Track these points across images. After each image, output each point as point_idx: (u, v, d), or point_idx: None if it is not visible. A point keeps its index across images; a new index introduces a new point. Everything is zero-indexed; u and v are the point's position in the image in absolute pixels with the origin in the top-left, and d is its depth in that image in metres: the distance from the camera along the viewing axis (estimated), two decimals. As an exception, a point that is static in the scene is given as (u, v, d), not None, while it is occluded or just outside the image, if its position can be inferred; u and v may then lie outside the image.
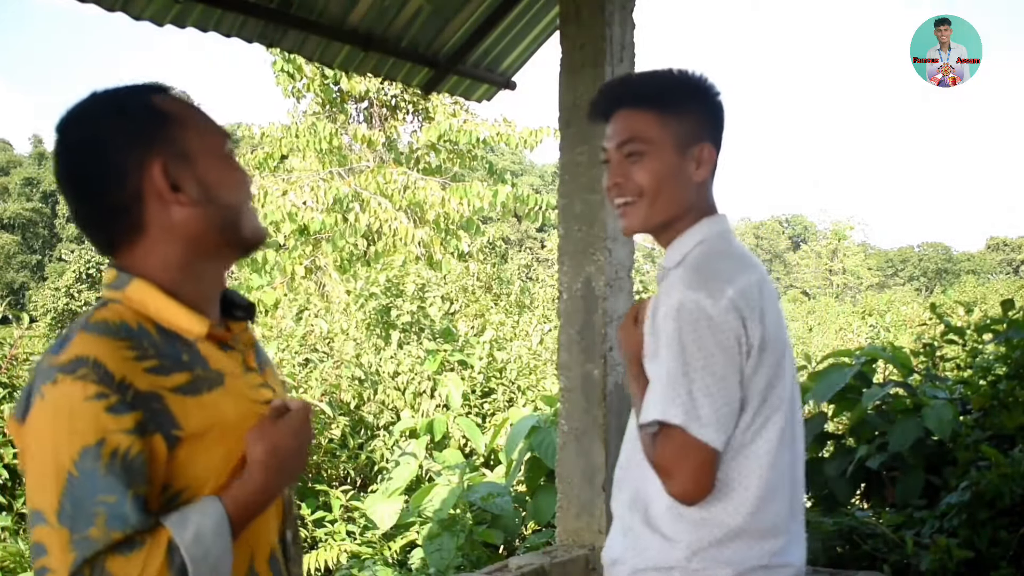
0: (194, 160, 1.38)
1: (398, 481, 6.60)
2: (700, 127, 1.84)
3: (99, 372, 1.23)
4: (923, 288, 48.52)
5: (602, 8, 3.60)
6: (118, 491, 1.21)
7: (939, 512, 3.85)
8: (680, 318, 1.67)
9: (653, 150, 1.81)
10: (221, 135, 1.45)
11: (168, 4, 3.88)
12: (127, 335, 1.30)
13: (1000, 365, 4.52)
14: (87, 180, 1.37)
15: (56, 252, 47.93)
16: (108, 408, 1.22)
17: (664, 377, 1.69)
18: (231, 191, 1.42)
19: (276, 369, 1.58)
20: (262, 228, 1.49)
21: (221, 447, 1.33)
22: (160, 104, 1.40)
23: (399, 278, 10.54)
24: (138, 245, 1.38)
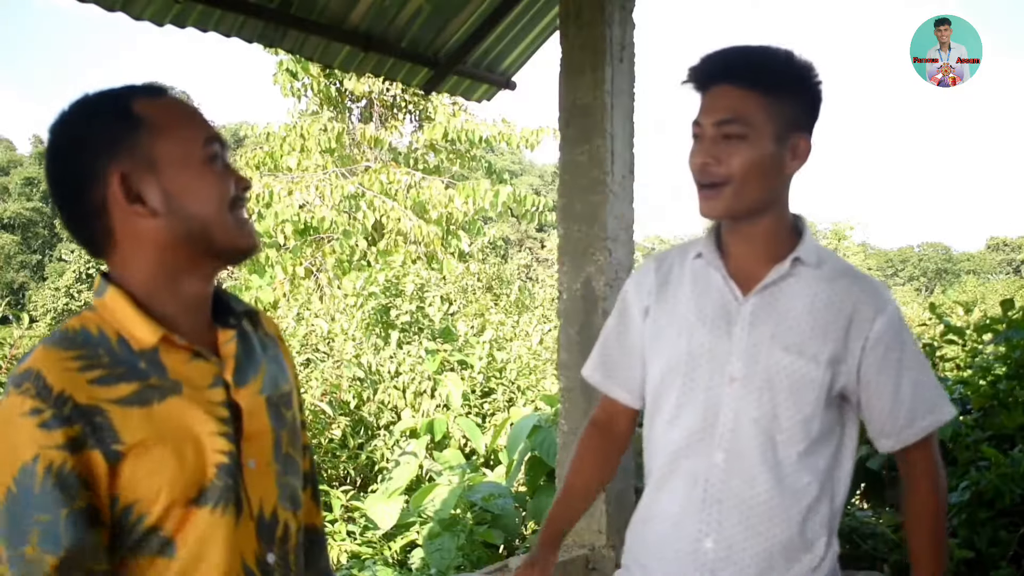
0: (161, 169, 1.34)
1: (398, 481, 6.60)
2: (801, 116, 1.76)
3: (39, 385, 1.22)
4: (923, 288, 48.53)
5: (602, 8, 3.60)
6: (51, 510, 1.21)
7: (939, 512, 3.85)
8: (908, 328, 1.79)
9: (753, 135, 1.71)
10: (201, 141, 1.38)
11: (168, 4, 3.88)
12: (82, 344, 1.29)
13: (1000, 365, 4.52)
14: (62, 184, 1.37)
15: (56, 252, 47.87)
16: (41, 424, 1.21)
17: (933, 381, 1.79)
18: (201, 201, 1.36)
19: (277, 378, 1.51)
20: (245, 238, 1.42)
21: (172, 458, 1.29)
22: (138, 108, 1.35)
23: (399, 278, 10.54)
24: (114, 252, 1.38)
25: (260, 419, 1.43)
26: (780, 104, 1.71)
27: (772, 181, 1.74)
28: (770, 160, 1.72)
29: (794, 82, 1.74)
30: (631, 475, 3.74)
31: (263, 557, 1.40)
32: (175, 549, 1.30)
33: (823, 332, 1.74)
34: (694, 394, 1.81)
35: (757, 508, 1.76)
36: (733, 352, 1.78)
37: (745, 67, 1.74)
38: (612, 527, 3.60)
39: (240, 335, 1.47)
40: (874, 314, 1.74)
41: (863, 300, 1.75)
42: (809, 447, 1.75)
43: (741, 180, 1.71)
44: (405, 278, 10.58)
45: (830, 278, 1.78)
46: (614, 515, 3.61)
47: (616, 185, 3.64)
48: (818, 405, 1.74)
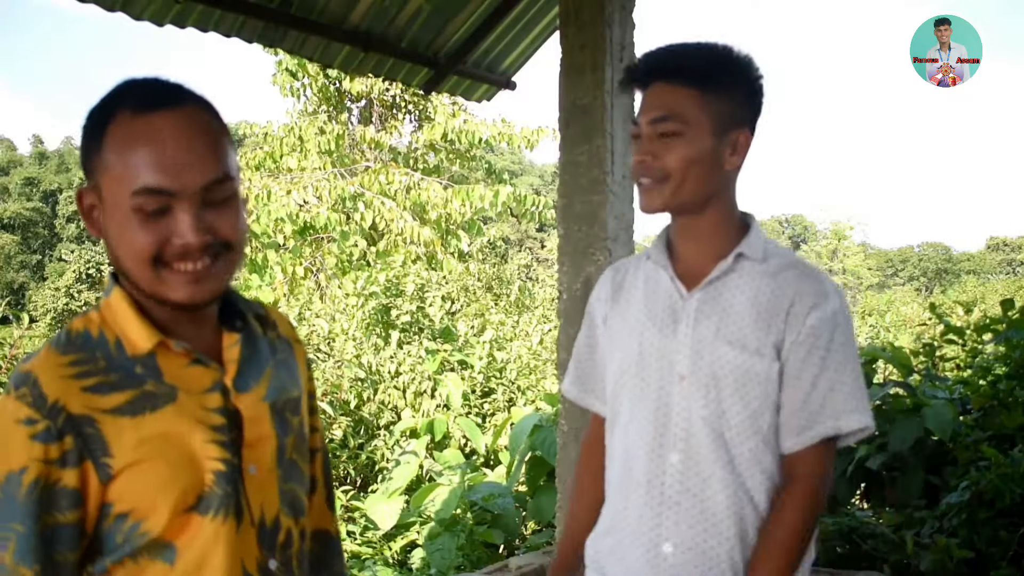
0: (103, 202, 1.29)
1: (398, 481, 6.61)
2: (741, 110, 1.75)
3: (35, 393, 1.22)
4: (923, 288, 48.51)
5: (602, 8, 3.60)
6: (28, 523, 1.21)
7: (939, 512, 3.85)
8: (848, 324, 1.74)
9: (689, 131, 1.71)
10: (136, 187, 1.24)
11: (168, 4, 3.88)
12: (82, 347, 1.29)
13: (1000, 365, 4.52)
14: None
15: (56, 252, 47.92)
16: (34, 435, 1.21)
17: (853, 384, 1.72)
18: (121, 249, 1.29)
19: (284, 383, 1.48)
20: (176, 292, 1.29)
21: (164, 469, 1.28)
22: (111, 126, 1.27)
23: (399, 278, 10.55)
24: None
25: (262, 425, 1.40)
26: (717, 100, 1.72)
27: (711, 176, 1.74)
28: (708, 155, 1.72)
29: (731, 77, 1.74)
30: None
31: (265, 564, 1.39)
32: (175, 555, 1.30)
33: (766, 325, 1.72)
34: (646, 394, 1.80)
35: (717, 507, 1.73)
36: (680, 350, 1.77)
37: (679, 65, 1.74)
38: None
39: (246, 339, 1.44)
40: (810, 308, 1.71)
41: (803, 292, 1.73)
42: (760, 444, 1.73)
43: (679, 175, 1.72)
44: (406, 278, 10.58)
45: (775, 272, 1.76)
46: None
47: (616, 185, 3.64)
48: (766, 399, 1.72)
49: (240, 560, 1.34)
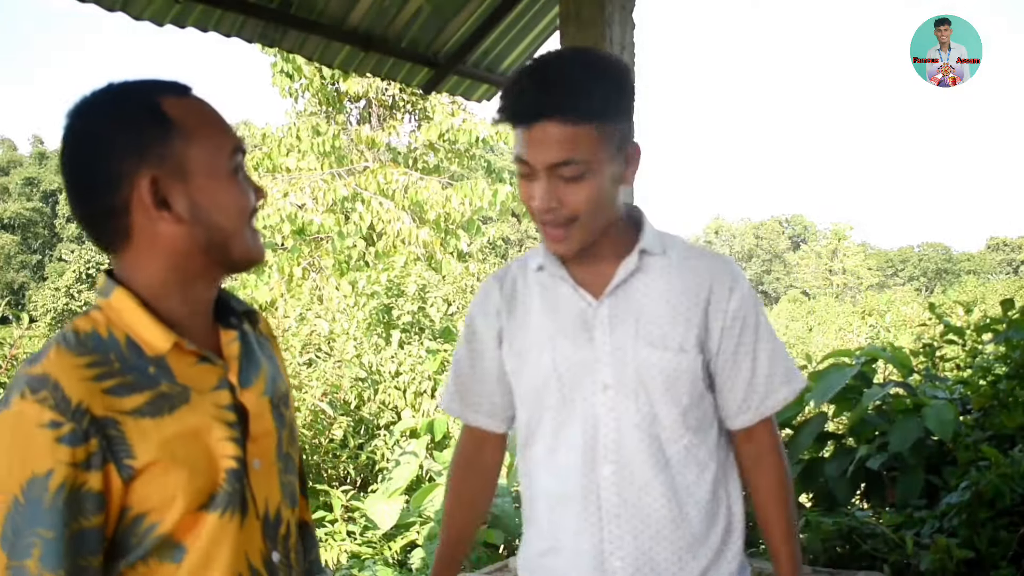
0: (190, 177, 1.32)
1: (399, 481, 6.60)
2: (629, 124, 1.65)
3: (57, 396, 1.20)
4: (923, 288, 48.56)
5: (602, 8, 3.59)
6: (57, 528, 1.19)
7: (939, 512, 3.85)
8: (759, 304, 1.78)
9: (591, 170, 1.58)
10: (229, 150, 1.37)
11: (168, 4, 3.88)
12: (95, 348, 1.28)
13: (1000, 365, 4.52)
14: (81, 178, 1.34)
15: (56, 252, 47.96)
16: (60, 438, 1.19)
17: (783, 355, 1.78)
18: (225, 214, 1.35)
19: (276, 377, 1.52)
20: (257, 250, 1.42)
21: (184, 469, 1.28)
22: (168, 109, 1.32)
23: (400, 278, 10.55)
24: (127, 252, 1.35)
25: (265, 420, 1.43)
26: (612, 128, 1.59)
27: (615, 202, 1.67)
28: (611, 184, 1.63)
29: (620, 97, 1.62)
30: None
31: (269, 556, 1.41)
32: (183, 554, 1.30)
33: (685, 319, 1.69)
34: (570, 410, 1.72)
35: (657, 513, 1.68)
36: (599, 359, 1.69)
37: (571, 99, 1.56)
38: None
39: (241, 336, 1.47)
40: (729, 291, 1.72)
41: (717, 278, 1.72)
42: (692, 439, 1.71)
43: (588, 216, 1.62)
44: (407, 278, 10.58)
45: (679, 263, 1.73)
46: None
47: (616, 185, 3.63)
48: (692, 394, 1.70)
49: (245, 554, 1.36)
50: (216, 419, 1.34)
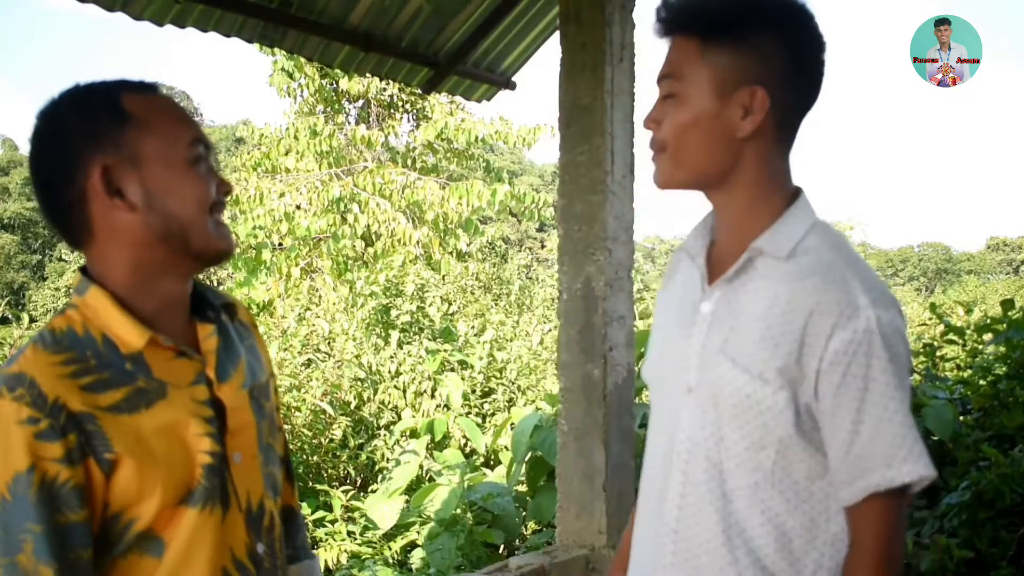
0: (143, 166, 1.34)
1: (398, 481, 6.60)
2: (755, 65, 1.41)
3: (33, 393, 1.23)
4: (923, 288, 48.47)
5: (602, 8, 3.59)
6: (45, 522, 1.22)
7: (939, 512, 3.85)
8: (888, 347, 1.33)
9: (684, 91, 1.44)
10: (187, 141, 1.38)
11: (168, 4, 3.87)
12: (70, 346, 1.30)
13: (1000, 365, 4.52)
14: (42, 173, 1.38)
15: (56, 252, 47.78)
16: (38, 434, 1.22)
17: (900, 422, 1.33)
18: (180, 202, 1.36)
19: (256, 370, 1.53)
20: (221, 242, 1.41)
21: (162, 464, 1.30)
22: (126, 103, 1.35)
23: (399, 278, 10.55)
24: (92, 247, 1.38)
25: (244, 414, 1.44)
26: (720, 52, 1.41)
27: (715, 146, 1.44)
28: (708, 120, 1.42)
29: (744, 23, 1.41)
30: (631, 475, 3.74)
31: (253, 548, 1.43)
32: (164, 548, 1.32)
33: (773, 345, 1.38)
34: (660, 405, 1.58)
35: (707, 545, 1.46)
36: (691, 357, 1.50)
37: (683, 10, 1.45)
38: (612, 527, 3.60)
39: (219, 329, 1.48)
40: (832, 327, 1.34)
41: (823, 306, 1.35)
42: (763, 481, 1.41)
43: (676, 146, 1.45)
44: (406, 278, 10.58)
45: (799, 276, 1.39)
46: (614, 515, 3.61)
47: (616, 185, 3.63)
48: (769, 432, 1.39)
49: (229, 548, 1.38)
50: (193, 414, 1.36)
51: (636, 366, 3.88)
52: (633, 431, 3.80)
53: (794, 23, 1.43)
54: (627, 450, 3.71)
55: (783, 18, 1.42)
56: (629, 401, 3.73)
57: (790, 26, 1.42)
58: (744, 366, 1.40)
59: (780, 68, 1.41)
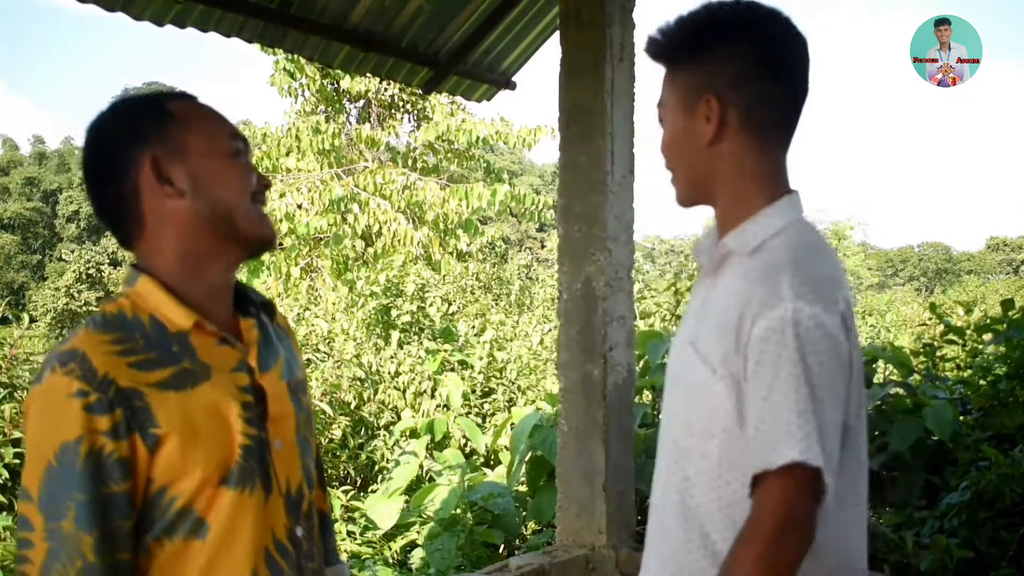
0: (189, 157, 1.45)
1: (398, 481, 6.60)
2: (707, 76, 1.51)
3: (84, 368, 1.30)
4: (923, 288, 48.46)
5: (602, 8, 3.59)
6: (89, 491, 1.28)
7: (939, 512, 3.85)
8: (799, 337, 1.35)
9: (665, 115, 1.58)
10: (227, 137, 1.50)
11: (168, 4, 3.88)
12: (119, 327, 1.38)
13: (1000, 365, 4.52)
14: (97, 173, 1.48)
15: (56, 252, 47.88)
16: (87, 406, 1.29)
17: (791, 408, 1.34)
18: (225, 188, 1.47)
19: (294, 367, 1.61)
20: (266, 228, 1.53)
21: (204, 441, 1.37)
22: (169, 106, 1.48)
23: (399, 278, 10.55)
24: (143, 239, 1.47)
25: (283, 403, 1.52)
26: (685, 73, 1.54)
27: (693, 156, 1.55)
28: (682, 136, 1.55)
29: (696, 45, 1.53)
30: (631, 475, 3.74)
31: (293, 531, 1.50)
32: (207, 530, 1.38)
33: (720, 334, 1.44)
34: (665, 393, 1.65)
35: (668, 527, 1.53)
36: (677, 348, 1.60)
37: (654, 47, 1.59)
38: (612, 527, 3.61)
39: (259, 324, 1.57)
40: (756, 315, 1.39)
41: (754, 297, 1.40)
42: (712, 470, 1.46)
43: (670, 165, 1.60)
44: (406, 278, 10.58)
45: (753, 271, 1.46)
46: (614, 515, 3.61)
47: (616, 185, 3.64)
48: (715, 421, 1.45)
49: (270, 529, 1.45)
50: (234, 398, 1.43)
51: (636, 366, 3.88)
52: (633, 431, 3.80)
53: (745, 30, 1.51)
54: (627, 450, 3.71)
55: (732, 28, 1.51)
56: (629, 401, 3.73)
57: (741, 34, 1.51)
58: (703, 356, 1.47)
59: (733, 74, 1.50)
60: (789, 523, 1.33)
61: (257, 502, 1.43)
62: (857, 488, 1.50)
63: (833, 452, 1.35)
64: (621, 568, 3.59)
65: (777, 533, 1.32)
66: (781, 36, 1.53)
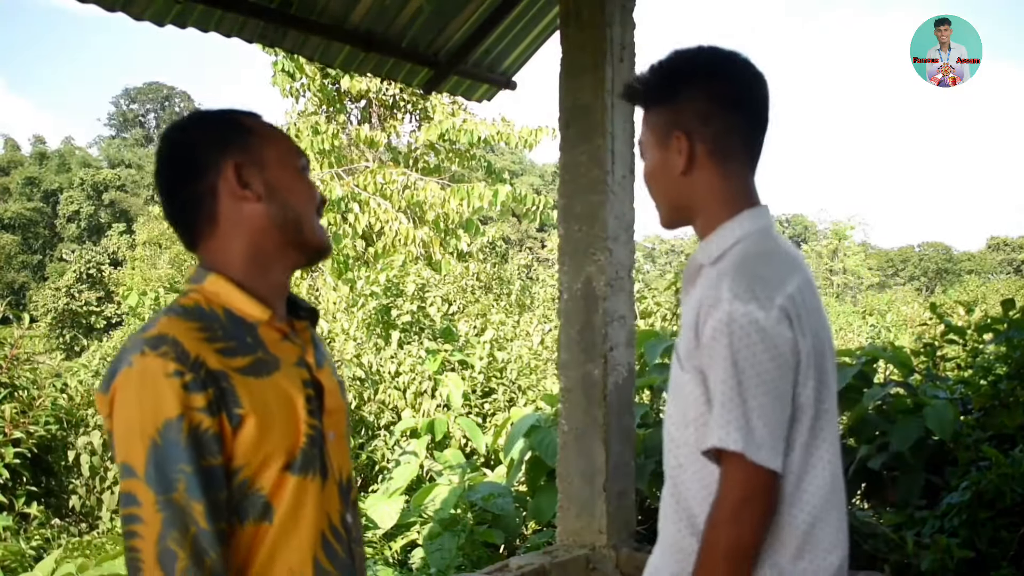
0: (266, 167, 1.59)
1: (399, 481, 6.61)
2: (675, 115, 1.73)
3: (177, 350, 1.40)
4: (923, 288, 48.49)
5: (602, 8, 3.60)
6: (194, 463, 1.38)
7: (940, 512, 3.85)
8: (732, 334, 1.55)
9: (645, 151, 1.81)
10: (296, 155, 1.66)
11: (168, 4, 3.88)
12: (199, 317, 1.49)
13: (1001, 365, 4.51)
14: (174, 176, 1.60)
15: (57, 252, 47.89)
16: (185, 385, 1.39)
17: (720, 401, 1.56)
18: (295, 197, 1.61)
19: (334, 369, 1.73)
20: (325, 238, 1.66)
21: (278, 426, 1.48)
22: (245, 121, 1.63)
23: (399, 278, 10.54)
24: (213, 238, 1.58)
25: (336, 397, 1.65)
26: (656, 113, 1.77)
27: (670, 185, 1.77)
28: (659, 168, 1.77)
29: (670, 87, 1.74)
30: (631, 475, 3.74)
31: (344, 517, 1.61)
32: (273, 513, 1.48)
33: (687, 335, 1.66)
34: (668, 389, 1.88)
35: (666, 506, 1.76)
36: None
37: (630, 92, 1.83)
38: (613, 527, 3.61)
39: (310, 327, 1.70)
40: (706, 316, 1.60)
41: (705, 299, 1.61)
42: (692, 455, 1.66)
43: (651, 193, 1.82)
44: (406, 278, 10.57)
45: (712, 276, 1.66)
46: (615, 515, 3.61)
47: (616, 185, 3.64)
48: (688, 410, 1.66)
49: (327, 514, 1.56)
50: (299, 390, 1.54)
51: (636, 366, 3.87)
52: (633, 431, 3.80)
53: (708, 73, 1.73)
54: (627, 450, 3.71)
55: (697, 72, 1.73)
56: (629, 401, 3.73)
57: (705, 77, 1.72)
58: (679, 355, 1.70)
59: (697, 112, 1.71)
60: (740, 501, 1.55)
61: (316, 488, 1.53)
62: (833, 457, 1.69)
63: (764, 434, 1.54)
64: (621, 568, 3.59)
65: (734, 511, 1.55)
66: (739, 75, 1.74)
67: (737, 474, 1.55)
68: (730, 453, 1.54)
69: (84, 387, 8.65)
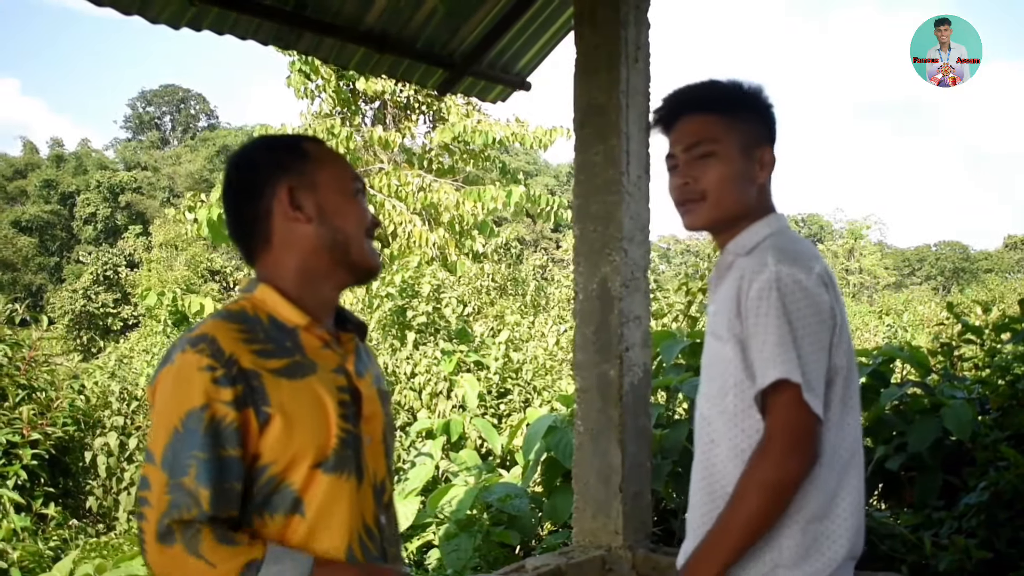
0: (319, 190, 1.70)
1: (415, 482, 6.62)
2: (760, 132, 1.96)
3: (213, 348, 1.53)
4: (940, 287, 48.25)
5: (617, 9, 3.59)
6: (209, 451, 1.49)
7: (958, 512, 3.83)
8: (780, 290, 1.76)
9: (720, 150, 1.91)
10: (351, 179, 1.75)
11: (184, 7, 3.89)
12: (242, 320, 1.62)
13: (1019, 364, 4.49)
14: (235, 195, 1.73)
15: (74, 254, 48.12)
16: (214, 379, 1.51)
17: (774, 342, 1.74)
18: (345, 220, 1.71)
19: (380, 380, 1.83)
20: (373, 259, 1.76)
21: (307, 425, 1.57)
22: (304, 146, 1.75)
23: (414, 279, 10.56)
24: (267, 254, 1.70)
25: (374, 404, 1.74)
26: (739, 122, 1.94)
27: (745, 191, 1.93)
28: (739, 171, 1.92)
29: (746, 103, 1.98)
30: (647, 476, 3.73)
31: (378, 518, 1.71)
32: (304, 508, 1.58)
33: (729, 312, 1.85)
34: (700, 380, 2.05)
35: (696, 496, 1.94)
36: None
37: (700, 97, 1.99)
38: (629, 528, 3.60)
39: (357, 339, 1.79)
40: (750, 284, 1.80)
41: (747, 272, 1.82)
42: (729, 420, 1.85)
43: (717, 192, 1.92)
44: (422, 279, 10.59)
45: (748, 261, 1.87)
46: (631, 516, 3.61)
47: (631, 185, 3.63)
48: (728, 378, 1.85)
49: (361, 513, 1.65)
50: (332, 394, 1.63)
51: (652, 366, 3.87)
52: (650, 431, 3.80)
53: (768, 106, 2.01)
54: (643, 450, 3.70)
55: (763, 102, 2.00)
56: (645, 401, 3.73)
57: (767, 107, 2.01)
58: (715, 334, 1.89)
59: (771, 134, 1.99)
60: (790, 442, 1.73)
61: (351, 487, 1.63)
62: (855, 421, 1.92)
63: (813, 379, 1.75)
64: (637, 569, 3.58)
65: (783, 450, 1.74)
66: (771, 105, 2.02)
67: (790, 413, 1.74)
68: (784, 391, 1.73)
69: (100, 388, 8.70)
